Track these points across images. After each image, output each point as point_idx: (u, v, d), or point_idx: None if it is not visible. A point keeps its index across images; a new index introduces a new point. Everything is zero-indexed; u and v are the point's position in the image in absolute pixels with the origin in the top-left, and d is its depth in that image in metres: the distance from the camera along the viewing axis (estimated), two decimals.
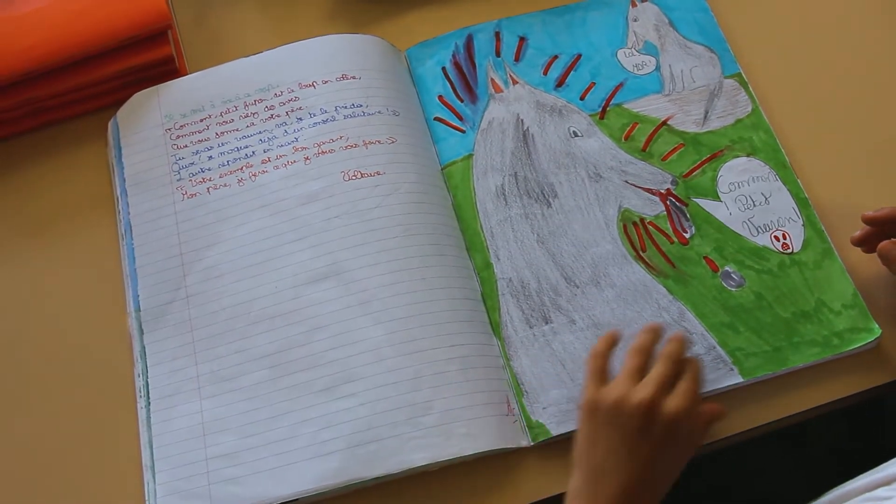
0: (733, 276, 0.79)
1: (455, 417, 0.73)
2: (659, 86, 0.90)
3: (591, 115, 0.88)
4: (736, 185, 0.84)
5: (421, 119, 0.89)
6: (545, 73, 0.91)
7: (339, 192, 0.83)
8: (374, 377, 0.75)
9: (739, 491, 0.63)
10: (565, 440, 0.74)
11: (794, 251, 0.80)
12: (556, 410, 0.75)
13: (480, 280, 0.81)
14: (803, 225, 0.81)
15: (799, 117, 0.87)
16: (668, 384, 0.67)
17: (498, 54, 0.92)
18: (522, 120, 0.88)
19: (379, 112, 0.87)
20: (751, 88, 0.89)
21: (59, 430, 0.77)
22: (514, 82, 0.91)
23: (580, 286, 0.80)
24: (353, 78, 0.89)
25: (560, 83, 0.90)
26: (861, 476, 0.65)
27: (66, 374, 0.80)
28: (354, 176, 0.83)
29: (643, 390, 0.66)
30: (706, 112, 0.88)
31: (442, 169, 0.87)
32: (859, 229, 0.76)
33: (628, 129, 0.87)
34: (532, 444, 0.74)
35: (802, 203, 0.82)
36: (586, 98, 0.89)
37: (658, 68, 0.91)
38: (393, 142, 0.85)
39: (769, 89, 0.89)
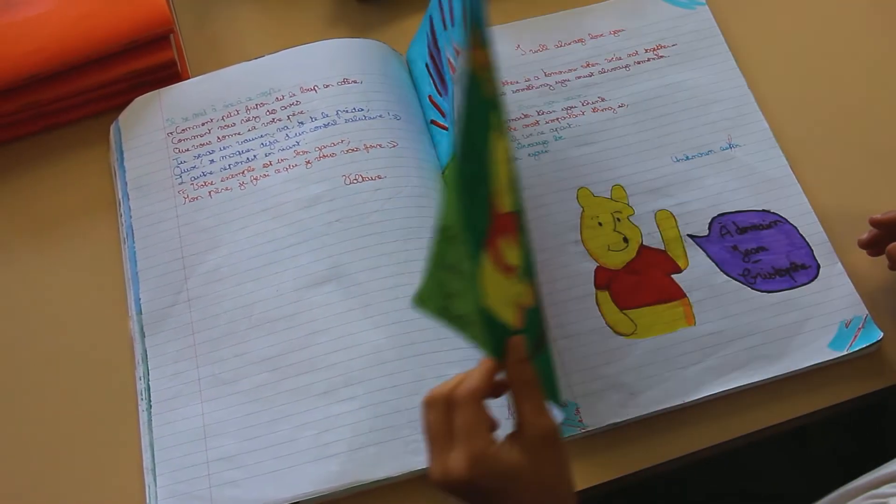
0: None
1: None
2: None
3: None
4: None
5: (422, 122, 0.89)
6: None
7: (340, 196, 0.83)
8: (375, 380, 0.75)
9: (740, 492, 0.63)
10: (566, 443, 0.74)
11: None
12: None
13: None
14: None
15: (799, 122, 0.87)
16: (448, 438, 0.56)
17: (445, 27, 0.75)
18: None
19: (380, 116, 0.87)
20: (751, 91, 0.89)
21: (60, 432, 0.77)
22: (458, 52, 0.72)
23: None
24: (355, 82, 0.89)
25: None
26: (864, 475, 0.65)
27: (68, 377, 0.80)
28: (356, 179, 0.83)
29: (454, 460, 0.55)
30: None
31: (442, 172, 0.87)
32: (866, 232, 0.76)
33: None
34: None
35: None
36: None
37: None
38: (394, 146, 0.86)
39: (771, 89, 0.89)
